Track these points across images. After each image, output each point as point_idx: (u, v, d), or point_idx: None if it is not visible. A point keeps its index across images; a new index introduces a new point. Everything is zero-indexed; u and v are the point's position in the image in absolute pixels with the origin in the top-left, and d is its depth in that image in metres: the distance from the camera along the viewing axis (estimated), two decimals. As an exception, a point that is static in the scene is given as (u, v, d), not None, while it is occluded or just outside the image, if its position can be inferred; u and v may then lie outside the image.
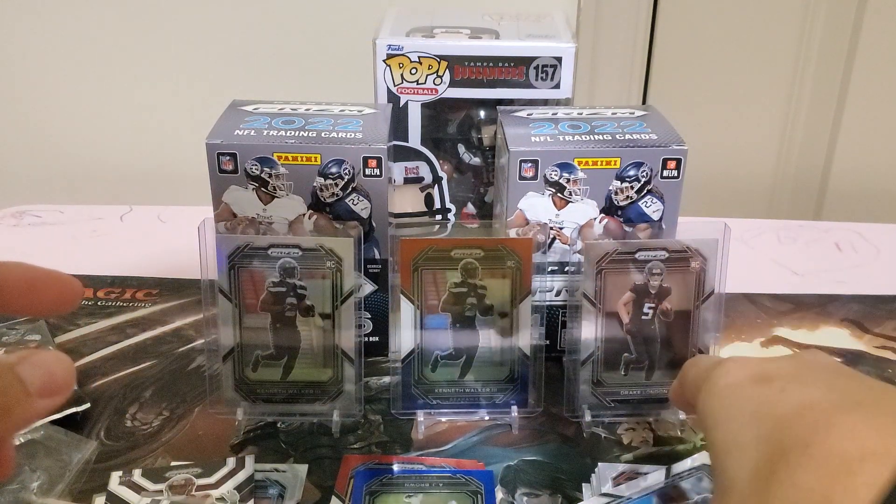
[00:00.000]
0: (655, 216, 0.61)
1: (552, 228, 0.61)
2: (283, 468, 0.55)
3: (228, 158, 0.58)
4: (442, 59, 0.64)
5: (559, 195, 0.60)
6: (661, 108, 0.66)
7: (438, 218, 0.72)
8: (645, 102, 1.38)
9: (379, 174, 0.59)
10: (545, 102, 0.66)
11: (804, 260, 0.84)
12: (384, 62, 0.65)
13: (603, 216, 0.61)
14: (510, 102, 0.66)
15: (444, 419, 0.60)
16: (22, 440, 0.54)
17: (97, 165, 1.31)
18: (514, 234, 0.61)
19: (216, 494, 0.51)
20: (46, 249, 0.85)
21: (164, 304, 0.74)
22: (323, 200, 0.60)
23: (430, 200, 0.71)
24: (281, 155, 0.58)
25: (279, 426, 0.59)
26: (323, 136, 0.59)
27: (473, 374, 0.60)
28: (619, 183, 0.59)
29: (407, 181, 0.70)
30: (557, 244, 0.62)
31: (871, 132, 1.40)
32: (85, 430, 0.58)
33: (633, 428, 0.59)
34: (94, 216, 0.92)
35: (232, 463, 0.53)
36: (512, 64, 0.65)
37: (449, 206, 0.71)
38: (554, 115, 0.64)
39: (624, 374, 0.59)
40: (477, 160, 0.70)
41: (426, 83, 0.65)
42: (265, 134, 0.59)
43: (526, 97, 0.66)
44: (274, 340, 0.58)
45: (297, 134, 0.59)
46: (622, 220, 0.61)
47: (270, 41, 1.22)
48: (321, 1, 1.19)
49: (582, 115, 0.64)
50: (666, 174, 0.59)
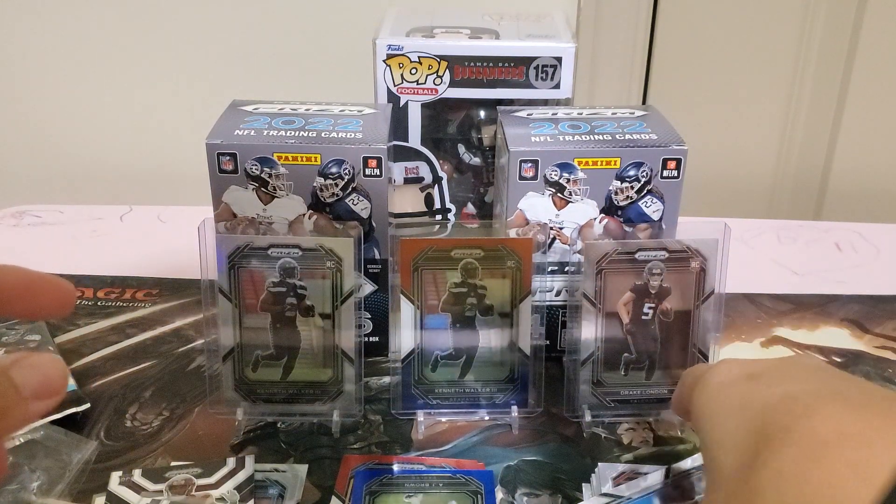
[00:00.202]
0: (655, 216, 0.61)
1: (552, 228, 0.61)
2: (283, 468, 0.55)
3: (228, 158, 0.58)
4: (442, 59, 0.64)
5: (559, 195, 0.60)
6: (661, 108, 0.66)
7: (438, 218, 0.72)
8: (645, 102, 1.38)
9: (379, 174, 0.59)
10: (545, 102, 0.66)
11: (804, 260, 0.84)
12: (384, 62, 0.65)
13: (603, 216, 0.61)
14: (510, 102, 0.66)
15: (444, 419, 0.60)
16: (22, 440, 0.54)
17: (97, 165, 1.31)
18: (514, 234, 0.60)
19: (216, 494, 0.51)
20: (46, 249, 0.85)
21: (164, 304, 0.74)
22: (323, 200, 0.60)
23: (430, 200, 0.71)
24: (281, 155, 0.58)
25: (279, 426, 0.59)
26: (323, 136, 0.59)
27: (473, 374, 0.60)
28: (619, 183, 0.59)
29: (407, 181, 0.70)
30: (557, 244, 0.62)
31: (871, 132, 1.40)
32: (85, 430, 0.58)
33: (633, 428, 0.59)
34: (94, 216, 0.92)
35: (232, 463, 0.53)
36: (512, 64, 0.65)
37: (449, 206, 0.71)
38: (554, 115, 0.64)
39: (624, 374, 0.59)
40: (477, 160, 0.70)
41: (426, 83, 0.65)
42: (265, 134, 0.59)
43: (526, 97, 0.66)
44: (274, 340, 0.58)
45: (297, 134, 0.59)
46: (622, 220, 0.61)
47: (270, 41, 1.22)
48: (321, 1, 1.19)
49: (582, 115, 0.64)
50: (666, 174, 0.59)
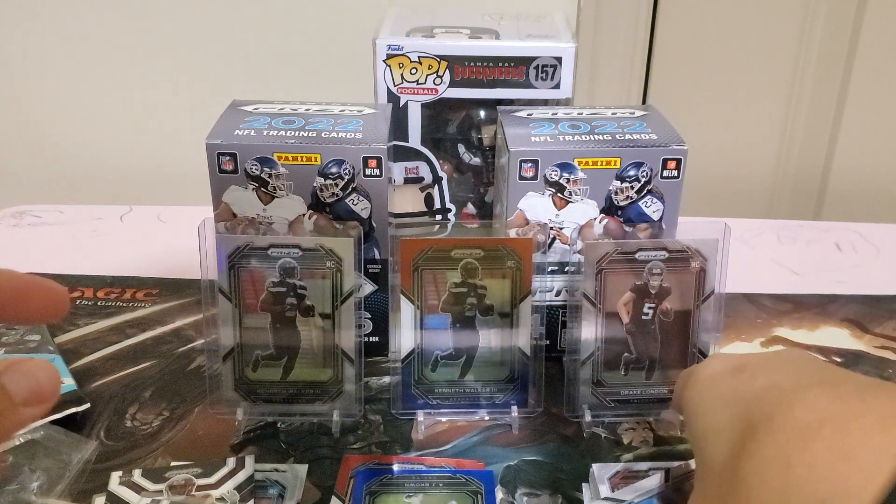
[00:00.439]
0: (655, 216, 0.61)
1: (552, 228, 0.61)
2: (283, 468, 0.55)
3: (228, 158, 0.58)
4: (442, 59, 0.64)
5: (559, 195, 0.60)
6: (661, 108, 0.66)
7: (438, 218, 0.72)
8: (645, 102, 1.38)
9: (379, 174, 0.59)
10: (545, 102, 0.66)
11: (804, 260, 0.84)
12: (384, 62, 0.65)
13: (603, 216, 0.61)
14: (510, 102, 0.66)
15: (444, 419, 0.60)
16: (22, 440, 0.54)
17: (97, 165, 1.31)
18: (514, 234, 0.60)
19: (216, 494, 0.51)
20: (46, 249, 0.85)
21: (164, 304, 0.74)
22: (323, 200, 0.60)
23: (430, 200, 0.71)
24: (281, 155, 0.58)
25: (279, 426, 0.59)
26: (323, 136, 0.59)
27: (473, 374, 0.60)
28: (619, 183, 0.59)
29: (407, 181, 0.70)
30: (557, 244, 0.62)
31: (871, 132, 1.39)
32: (85, 430, 0.58)
33: (633, 428, 0.59)
34: (94, 216, 0.92)
35: (232, 463, 0.53)
36: (512, 64, 0.65)
37: (449, 206, 0.71)
38: (554, 115, 0.64)
39: (624, 374, 0.59)
40: (477, 160, 0.70)
41: (426, 83, 0.65)
42: (265, 134, 0.59)
43: (526, 97, 0.66)
44: (274, 340, 0.58)
45: (297, 134, 0.59)
46: (622, 220, 0.61)
47: (270, 41, 1.22)
48: (321, 1, 1.19)
49: (582, 115, 0.64)
50: (666, 174, 0.59)
